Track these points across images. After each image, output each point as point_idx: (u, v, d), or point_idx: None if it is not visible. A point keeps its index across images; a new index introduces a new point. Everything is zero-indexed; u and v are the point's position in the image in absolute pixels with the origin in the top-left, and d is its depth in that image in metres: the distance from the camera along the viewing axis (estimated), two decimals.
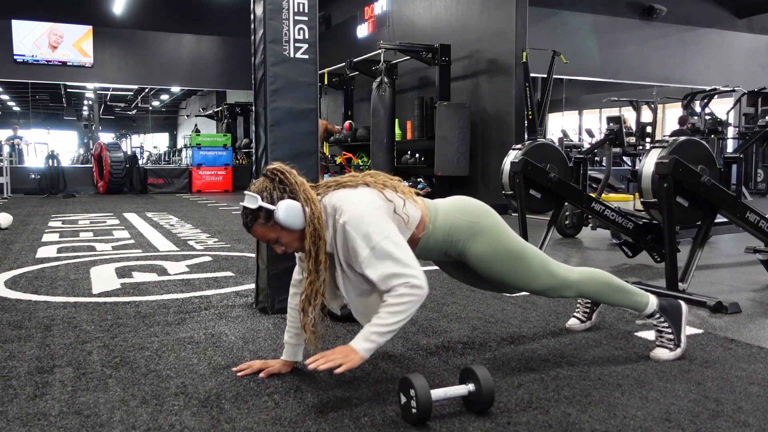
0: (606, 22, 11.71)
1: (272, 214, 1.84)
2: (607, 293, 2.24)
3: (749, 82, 11.63)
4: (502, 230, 2.09)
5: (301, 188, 1.88)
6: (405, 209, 1.96)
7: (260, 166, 2.93)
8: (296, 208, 1.84)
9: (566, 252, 5.03)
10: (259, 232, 1.89)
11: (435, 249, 2.08)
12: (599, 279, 2.24)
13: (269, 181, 1.90)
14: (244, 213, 1.88)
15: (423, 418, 1.67)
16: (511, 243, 2.09)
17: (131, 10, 14.77)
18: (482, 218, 2.08)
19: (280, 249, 1.94)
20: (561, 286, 2.15)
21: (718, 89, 9.57)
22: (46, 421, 1.72)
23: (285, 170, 1.90)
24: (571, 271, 2.19)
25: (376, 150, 9.76)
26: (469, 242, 2.05)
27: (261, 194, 1.86)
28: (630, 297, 2.25)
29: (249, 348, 2.39)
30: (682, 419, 1.73)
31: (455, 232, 2.05)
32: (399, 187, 2.00)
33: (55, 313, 2.92)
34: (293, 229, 1.86)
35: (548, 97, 8.74)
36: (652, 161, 3.24)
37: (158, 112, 29.50)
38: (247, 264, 4.28)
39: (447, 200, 2.14)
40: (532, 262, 2.10)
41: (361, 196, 1.91)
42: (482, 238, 2.05)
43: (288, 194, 1.87)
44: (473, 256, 2.06)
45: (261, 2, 2.83)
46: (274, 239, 1.90)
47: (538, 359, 2.25)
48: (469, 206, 2.11)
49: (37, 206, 9.53)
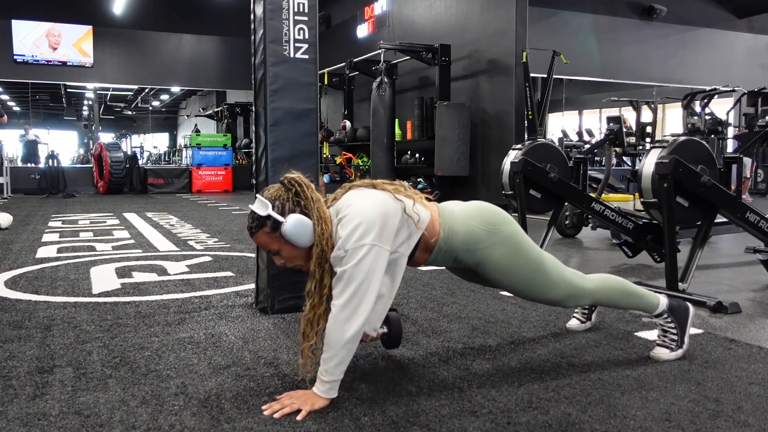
0: (606, 22, 11.72)
1: (280, 225, 1.80)
2: (620, 299, 2.22)
3: (749, 82, 11.62)
4: (521, 240, 2.02)
5: (315, 205, 1.81)
6: (415, 208, 1.90)
7: (260, 166, 2.93)
8: (306, 226, 1.79)
9: (566, 252, 5.03)
10: (261, 240, 1.85)
11: (450, 256, 2.01)
12: (613, 286, 2.21)
13: (285, 190, 1.84)
14: (251, 217, 1.84)
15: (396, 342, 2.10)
16: (531, 253, 2.03)
17: (131, 10, 14.78)
18: (501, 227, 2.00)
19: (280, 261, 1.89)
20: (577, 295, 2.12)
21: (718, 89, 9.56)
22: (46, 421, 1.72)
23: (303, 183, 1.84)
24: (585, 279, 2.16)
25: (376, 150, 9.76)
26: (487, 252, 1.98)
27: (273, 202, 1.81)
28: (643, 300, 2.23)
29: (249, 348, 2.39)
30: (682, 419, 1.73)
31: (473, 241, 1.97)
32: (408, 191, 1.95)
33: (55, 313, 2.92)
34: (298, 245, 1.82)
35: (548, 97, 8.74)
36: (652, 161, 3.24)
37: (158, 112, 29.51)
38: (247, 264, 4.28)
39: (464, 206, 2.06)
40: (551, 273, 2.05)
41: (370, 196, 1.85)
42: (501, 248, 1.98)
43: (301, 208, 1.81)
44: (491, 265, 2.00)
45: (261, 2, 2.83)
46: (275, 250, 1.85)
47: (538, 359, 2.25)
48: (488, 214, 2.02)
49: (37, 206, 9.53)
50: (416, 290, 3.40)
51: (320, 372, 1.78)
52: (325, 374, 1.76)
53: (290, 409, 1.74)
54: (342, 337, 1.74)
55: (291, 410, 1.74)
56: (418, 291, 3.39)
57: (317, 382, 1.79)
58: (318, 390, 1.78)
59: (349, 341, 1.75)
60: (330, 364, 1.76)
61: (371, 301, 1.76)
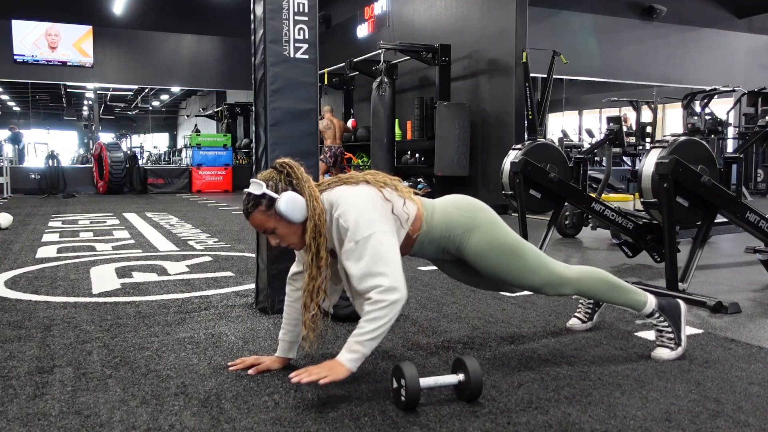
0: (606, 22, 11.71)
1: (274, 202, 1.88)
2: (605, 291, 2.24)
3: (749, 82, 11.61)
4: (498, 225, 2.11)
5: (306, 184, 1.92)
6: (405, 208, 1.99)
7: (260, 166, 2.93)
8: (298, 201, 1.88)
9: (566, 252, 5.03)
10: (257, 220, 1.92)
11: (432, 246, 2.10)
12: (597, 277, 2.24)
13: (277, 172, 1.95)
14: (246, 198, 1.92)
15: (411, 405, 1.76)
16: (508, 238, 2.11)
17: (131, 10, 14.78)
18: (478, 213, 2.11)
19: (275, 241, 1.96)
20: (558, 282, 2.15)
21: (718, 89, 9.55)
22: (46, 421, 1.72)
23: (293, 165, 1.95)
24: (568, 268, 2.20)
25: (376, 150, 9.76)
26: (466, 237, 2.07)
27: (267, 182, 1.91)
28: (628, 295, 2.25)
29: (249, 348, 2.39)
30: (682, 419, 1.73)
31: (452, 227, 2.07)
32: (398, 187, 2.03)
33: (55, 313, 2.92)
34: (292, 221, 1.89)
35: (548, 97, 8.74)
36: (652, 161, 3.24)
37: (158, 112, 29.51)
38: (247, 264, 4.28)
39: (443, 198, 2.18)
40: (529, 257, 2.12)
41: (360, 192, 1.93)
42: (479, 232, 2.07)
43: (293, 187, 1.91)
44: (470, 250, 2.08)
45: (261, 2, 2.83)
46: (271, 229, 1.92)
47: (538, 359, 2.25)
48: (465, 202, 2.14)
49: (37, 206, 9.53)
50: (416, 290, 3.40)
51: (351, 343, 1.79)
52: (358, 345, 1.78)
53: (317, 376, 1.76)
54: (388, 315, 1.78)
55: (318, 377, 1.76)
56: (418, 291, 3.39)
57: (345, 351, 1.80)
58: (345, 359, 1.79)
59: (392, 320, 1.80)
60: (367, 337, 1.78)
61: (400, 274, 1.82)
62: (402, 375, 1.76)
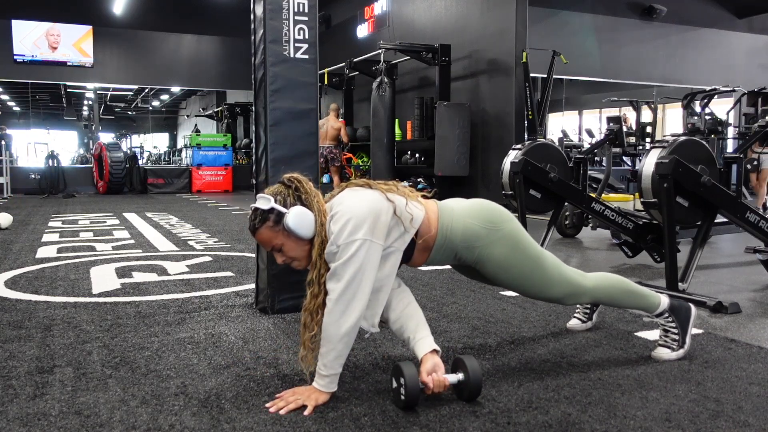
0: (606, 22, 11.70)
1: (282, 217, 1.83)
2: (621, 298, 2.22)
3: (749, 82, 11.61)
4: (520, 237, 2.03)
5: (315, 198, 1.87)
6: (408, 208, 1.91)
7: (260, 166, 2.93)
8: (308, 217, 1.83)
9: (566, 252, 5.03)
10: (264, 236, 1.87)
11: (450, 254, 2.02)
12: (613, 284, 2.21)
13: (285, 187, 1.90)
14: (253, 214, 1.87)
15: (410, 404, 1.76)
16: (530, 251, 2.03)
17: (131, 10, 14.78)
18: (501, 225, 2.00)
19: (281, 259, 1.91)
20: (577, 292, 2.12)
21: (718, 89, 9.55)
22: (46, 421, 1.72)
23: (302, 179, 1.91)
24: (585, 276, 2.16)
25: (376, 150, 9.76)
26: (487, 250, 1.98)
27: (275, 197, 1.86)
28: (643, 300, 2.23)
29: (249, 348, 2.39)
30: (682, 419, 1.73)
31: (473, 239, 1.97)
32: (403, 190, 1.97)
33: (55, 313, 2.92)
34: (300, 237, 1.84)
35: (548, 97, 8.74)
36: (652, 161, 3.24)
37: (158, 112, 29.52)
38: (247, 264, 4.28)
39: (464, 204, 2.06)
40: (550, 270, 2.06)
41: (360, 196, 1.88)
42: (500, 245, 1.98)
43: (301, 202, 1.86)
44: (490, 263, 2.00)
45: (261, 2, 2.83)
46: (278, 246, 1.87)
47: (538, 359, 2.25)
48: (487, 212, 2.02)
49: (37, 206, 9.53)
50: (416, 290, 3.40)
51: (319, 366, 1.81)
52: (324, 368, 1.80)
53: (295, 405, 1.77)
54: (338, 331, 1.78)
55: (296, 406, 1.77)
56: (418, 291, 3.39)
57: (317, 377, 1.82)
58: (318, 384, 1.81)
59: (345, 335, 1.79)
60: (328, 358, 1.80)
61: (366, 294, 1.80)
62: (401, 374, 1.76)
